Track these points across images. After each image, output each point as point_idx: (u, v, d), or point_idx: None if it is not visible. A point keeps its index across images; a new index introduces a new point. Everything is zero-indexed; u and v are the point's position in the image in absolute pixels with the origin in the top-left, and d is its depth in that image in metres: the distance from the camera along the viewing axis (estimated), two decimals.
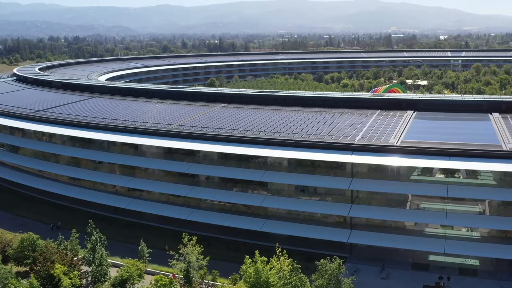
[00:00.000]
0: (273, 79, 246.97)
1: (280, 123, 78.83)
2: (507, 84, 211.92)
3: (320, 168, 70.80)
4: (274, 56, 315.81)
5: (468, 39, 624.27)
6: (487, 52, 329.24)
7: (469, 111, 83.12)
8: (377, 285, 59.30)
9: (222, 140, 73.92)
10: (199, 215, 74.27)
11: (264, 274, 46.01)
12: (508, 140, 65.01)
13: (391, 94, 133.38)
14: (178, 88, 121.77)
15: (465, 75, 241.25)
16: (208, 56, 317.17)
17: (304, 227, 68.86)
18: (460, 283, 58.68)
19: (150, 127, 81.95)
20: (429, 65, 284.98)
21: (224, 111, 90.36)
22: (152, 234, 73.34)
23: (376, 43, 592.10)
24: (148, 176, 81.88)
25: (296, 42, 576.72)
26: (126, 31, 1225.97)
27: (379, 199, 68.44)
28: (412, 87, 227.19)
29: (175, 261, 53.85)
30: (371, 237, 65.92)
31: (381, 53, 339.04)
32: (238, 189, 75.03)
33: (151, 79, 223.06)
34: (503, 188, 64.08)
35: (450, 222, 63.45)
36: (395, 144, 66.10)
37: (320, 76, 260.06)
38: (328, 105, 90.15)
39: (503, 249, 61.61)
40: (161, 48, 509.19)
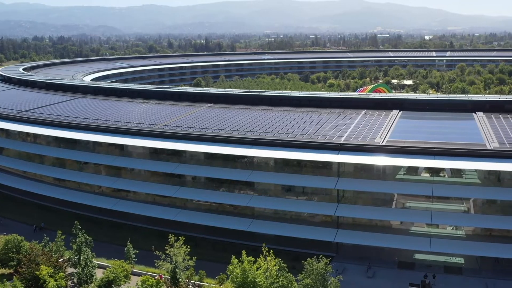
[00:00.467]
0: (259, 79, 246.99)
1: (267, 123, 78.87)
2: (491, 84, 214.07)
3: (306, 167, 70.95)
4: (260, 56, 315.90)
5: (452, 39, 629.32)
6: (472, 52, 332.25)
7: (454, 111, 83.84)
8: (363, 284, 59.56)
9: (208, 140, 73.78)
10: (186, 216, 74.07)
11: (251, 274, 45.99)
12: (492, 139, 65.68)
13: (377, 94, 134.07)
14: (164, 88, 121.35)
15: (450, 75, 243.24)
16: (194, 56, 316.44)
17: (291, 226, 68.97)
18: (446, 281, 59.15)
19: (136, 127, 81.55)
20: (415, 65, 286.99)
21: (210, 111, 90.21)
22: (138, 234, 72.96)
23: (362, 43, 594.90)
24: (134, 176, 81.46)
25: (283, 42, 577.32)
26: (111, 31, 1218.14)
27: (365, 198, 68.78)
28: (398, 86, 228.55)
29: (162, 262, 53.61)
30: (357, 236, 66.23)
31: (367, 53, 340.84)
32: (224, 189, 74.94)
33: (137, 79, 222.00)
34: (487, 186, 64.71)
35: (436, 221, 63.98)
36: (381, 144, 66.45)
37: (306, 76, 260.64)
38: (314, 105, 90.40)
39: (487, 247, 62.25)
40: (147, 48, 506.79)
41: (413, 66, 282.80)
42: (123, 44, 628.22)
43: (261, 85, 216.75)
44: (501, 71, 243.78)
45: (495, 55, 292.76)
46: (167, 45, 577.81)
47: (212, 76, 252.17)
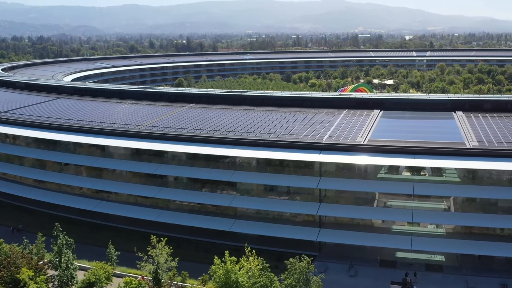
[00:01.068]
0: (241, 79, 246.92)
1: (249, 123, 78.89)
2: (470, 83, 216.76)
3: (288, 167, 71.13)
4: (242, 56, 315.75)
5: (432, 39, 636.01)
6: (451, 52, 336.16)
7: (434, 110, 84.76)
8: (345, 282, 59.95)
9: (191, 140, 73.55)
10: (168, 216, 73.77)
11: (234, 275, 45.96)
12: (472, 138, 66.51)
13: (358, 93, 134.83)
14: (146, 89, 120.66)
15: (430, 75, 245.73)
16: (176, 56, 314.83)
17: (273, 226, 69.11)
18: (427, 279, 59.79)
19: (117, 128, 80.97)
20: (395, 64, 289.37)
21: (192, 111, 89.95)
22: (120, 236, 72.48)
23: (343, 43, 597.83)
24: (115, 177, 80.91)
25: (264, 42, 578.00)
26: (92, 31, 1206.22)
27: (347, 197, 69.21)
28: (379, 86, 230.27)
29: (144, 263, 53.30)
30: (339, 236, 66.65)
31: (348, 53, 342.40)
32: (207, 190, 74.81)
33: (118, 80, 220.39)
34: (467, 185, 65.51)
35: (416, 219, 64.60)
36: (362, 143, 66.89)
37: (288, 76, 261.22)
38: (296, 105, 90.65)
39: (467, 245, 63.11)
40: (128, 48, 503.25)
41: (394, 66, 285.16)
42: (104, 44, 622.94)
43: (243, 85, 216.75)
44: (480, 70, 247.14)
45: (474, 55, 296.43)
46: (149, 45, 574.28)
47: (194, 76, 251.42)
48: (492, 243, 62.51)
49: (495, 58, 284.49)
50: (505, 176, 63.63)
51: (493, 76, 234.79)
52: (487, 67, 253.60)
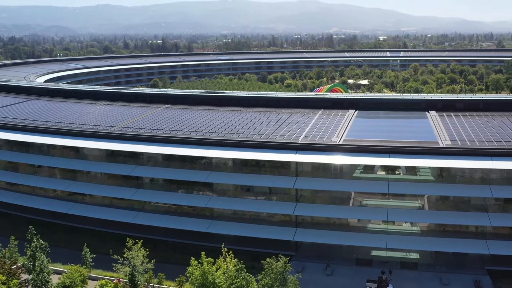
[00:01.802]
0: (217, 79, 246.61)
1: (225, 124, 78.81)
2: (443, 83, 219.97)
3: (265, 167, 71.25)
4: (218, 56, 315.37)
5: (406, 39, 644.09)
6: (424, 52, 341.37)
7: (408, 110, 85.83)
8: (322, 281, 60.29)
9: (166, 141, 73.14)
10: (144, 218, 73.20)
11: (211, 275, 45.94)
12: (445, 137, 67.55)
13: (334, 93, 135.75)
14: (121, 89, 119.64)
15: (404, 75, 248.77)
16: (151, 56, 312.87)
17: (250, 226, 69.17)
18: (402, 276, 60.50)
19: (92, 129, 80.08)
20: (370, 65, 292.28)
21: (168, 112, 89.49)
22: (95, 238, 71.70)
23: (318, 44, 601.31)
24: (90, 179, 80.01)
25: (240, 43, 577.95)
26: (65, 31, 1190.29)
27: (323, 197, 69.61)
28: (354, 86, 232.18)
29: (120, 266, 52.89)
30: (316, 235, 67.02)
31: (323, 53, 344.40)
32: (183, 191, 74.48)
33: (92, 81, 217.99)
34: (440, 183, 66.49)
35: (392, 218, 65.31)
36: (338, 143, 67.39)
37: (264, 76, 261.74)
38: (272, 105, 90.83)
39: (441, 242, 64.08)
40: (102, 48, 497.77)
41: (368, 66, 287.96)
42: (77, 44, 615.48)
43: (219, 86, 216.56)
44: (453, 70, 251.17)
45: (447, 55, 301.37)
46: (123, 46, 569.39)
47: (169, 77, 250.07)
48: (465, 240, 63.55)
49: (467, 58, 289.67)
50: (477, 174, 64.74)
51: (465, 76, 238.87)
52: (459, 67, 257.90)
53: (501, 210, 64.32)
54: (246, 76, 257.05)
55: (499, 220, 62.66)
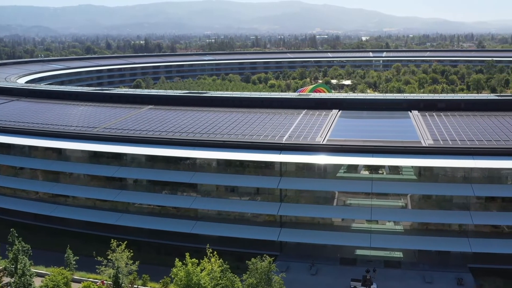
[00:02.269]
0: (200, 80, 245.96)
1: (209, 124, 78.69)
2: (425, 83, 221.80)
3: (249, 168, 71.26)
4: (201, 57, 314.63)
5: (388, 40, 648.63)
6: (406, 52, 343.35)
7: (391, 109, 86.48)
8: (307, 281, 60.50)
9: (150, 142, 72.81)
10: (128, 220, 72.80)
11: (195, 276, 45.80)
12: (427, 137, 68.19)
13: (317, 94, 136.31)
14: (103, 90, 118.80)
15: (386, 75, 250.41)
16: (134, 57, 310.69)
17: (235, 227, 69.15)
18: (386, 275, 60.94)
19: (74, 130, 79.39)
20: (353, 65, 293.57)
21: (151, 113, 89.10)
22: (79, 240, 71.01)
23: (302, 44, 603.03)
24: (73, 181, 79.35)
25: (223, 43, 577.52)
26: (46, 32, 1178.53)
27: (307, 197, 69.84)
28: (337, 86, 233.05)
29: (104, 268, 52.53)
30: (300, 235, 67.21)
31: (306, 54, 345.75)
32: (167, 192, 74.20)
33: (74, 81, 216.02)
34: (423, 182, 67.09)
35: (375, 217, 65.82)
36: (322, 143, 67.67)
37: (248, 77, 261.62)
38: (256, 106, 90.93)
39: (424, 241, 64.74)
40: (84, 49, 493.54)
41: (351, 66, 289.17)
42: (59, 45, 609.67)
43: (203, 86, 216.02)
44: (434, 71, 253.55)
45: (428, 56, 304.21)
46: (105, 46, 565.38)
47: (152, 78, 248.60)
48: (448, 238, 64.27)
49: (448, 58, 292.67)
50: (459, 173, 65.44)
51: (447, 76, 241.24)
52: (441, 67, 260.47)
53: (483, 209, 65.13)
54: (230, 77, 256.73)
55: (480, 218, 63.47)
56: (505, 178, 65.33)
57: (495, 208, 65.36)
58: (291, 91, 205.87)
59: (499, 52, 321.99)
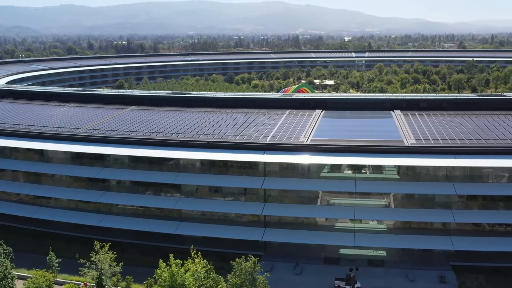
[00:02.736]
0: (183, 80, 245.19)
1: (192, 125, 78.48)
2: (407, 83, 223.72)
3: (233, 168, 71.23)
4: (184, 57, 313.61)
5: (370, 40, 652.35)
6: (388, 52, 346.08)
7: (373, 109, 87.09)
8: (291, 280, 60.64)
9: (133, 143, 72.37)
10: (111, 221, 72.31)
11: (180, 277, 45.64)
12: (409, 136, 68.76)
13: (300, 94, 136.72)
14: (85, 91, 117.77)
15: (369, 75, 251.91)
16: (116, 57, 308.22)
17: (219, 227, 69.04)
18: (369, 274, 61.29)
19: (56, 131, 78.62)
20: (335, 65, 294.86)
21: (134, 114, 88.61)
22: (61, 242, 70.38)
23: (285, 44, 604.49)
24: (55, 182, 78.57)
25: (206, 43, 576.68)
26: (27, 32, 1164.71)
27: (291, 196, 69.99)
28: (320, 86, 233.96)
29: (87, 269, 52.14)
30: (284, 235, 67.32)
31: (289, 54, 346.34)
32: (150, 193, 73.85)
33: (56, 82, 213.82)
34: (405, 181, 67.62)
35: (359, 216, 66.15)
36: (305, 143, 67.89)
37: (231, 77, 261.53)
38: (239, 106, 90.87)
39: (407, 239, 65.27)
40: (66, 49, 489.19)
41: (334, 66, 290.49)
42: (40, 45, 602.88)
43: (186, 87, 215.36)
44: (416, 71, 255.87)
45: (410, 56, 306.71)
46: (88, 47, 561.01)
47: (135, 78, 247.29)
48: (430, 237, 64.87)
49: (430, 58, 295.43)
50: (441, 172, 66.09)
51: (428, 76, 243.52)
52: (422, 67, 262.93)
53: (464, 207, 65.89)
54: (213, 77, 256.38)
55: (462, 217, 64.19)
56: (486, 176, 66.10)
57: (477, 207, 66.18)
58: (274, 91, 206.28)
59: (479, 52, 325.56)
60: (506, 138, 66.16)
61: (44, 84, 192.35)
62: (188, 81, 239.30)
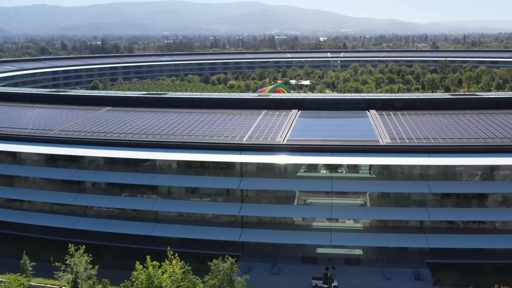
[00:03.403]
0: (159, 81, 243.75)
1: (168, 125, 78.03)
2: (382, 83, 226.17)
3: (210, 169, 71.05)
4: (159, 57, 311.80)
5: (345, 40, 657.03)
6: (363, 53, 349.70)
7: (349, 109, 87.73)
8: (269, 280, 60.74)
9: (108, 144, 71.60)
10: (86, 223, 71.45)
11: (157, 279, 45.32)
12: (385, 135, 69.45)
13: (277, 94, 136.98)
14: (59, 92, 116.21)
15: (344, 75, 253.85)
16: (90, 58, 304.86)
17: (196, 228, 68.80)
18: (346, 273, 61.81)
19: (29, 133, 77.38)
20: (311, 65, 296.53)
21: (109, 115, 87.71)
22: (35, 246, 69.24)
23: (260, 44, 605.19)
24: (28, 185, 77.34)
25: (182, 44, 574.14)
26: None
27: (268, 197, 70.10)
28: (296, 87, 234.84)
29: (62, 273, 51.42)
30: (261, 235, 67.42)
31: (265, 54, 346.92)
32: (126, 194, 73.16)
33: (29, 83, 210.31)
34: (381, 180, 68.30)
35: (335, 215, 66.62)
36: (282, 143, 68.05)
37: (207, 78, 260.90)
38: (215, 106, 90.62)
39: (383, 238, 65.89)
40: (39, 50, 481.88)
41: (309, 66, 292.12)
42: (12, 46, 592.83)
43: (161, 87, 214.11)
44: (391, 71, 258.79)
45: (385, 56, 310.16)
46: (61, 47, 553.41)
47: (110, 79, 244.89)
48: (406, 235, 65.66)
49: (404, 58, 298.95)
50: (416, 171, 66.91)
51: (403, 76, 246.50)
52: (397, 67, 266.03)
53: (439, 205, 66.80)
54: (189, 77, 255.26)
55: (437, 215, 65.09)
56: (460, 175, 67.11)
57: (451, 204, 67.15)
58: (250, 91, 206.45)
59: (452, 52, 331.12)
60: (478, 137, 67.31)
61: (16, 85, 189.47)
62: (164, 82, 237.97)
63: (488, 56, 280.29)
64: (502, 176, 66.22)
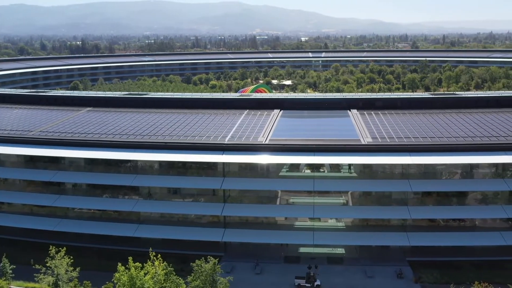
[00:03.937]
0: (140, 81, 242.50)
1: (150, 126, 77.58)
2: (363, 83, 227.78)
3: (192, 169, 70.82)
4: (140, 58, 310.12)
5: (327, 40, 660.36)
6: (344, 53, 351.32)
7: (331, 109, 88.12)
8: (251, 280, 60.76)
9: (89, 145, 70.95)
10: (67, 225, 70.69)
11: (139, 281, 45.01)
12: (366, 135, 69.90)
13: (258, 94, 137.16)
14: (39, 92, 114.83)
15: (326, 75, 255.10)
16: (71, 58, 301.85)
17: (178, 229, 68.57)
18: (328, 272, 62.07)
19: (8, 134, 76.31)
20: (293, 65, 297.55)
21: (90, 115, 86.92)
22: (15, 248, 68.50)
23: (242, 44, 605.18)
24: (8, 187, 76.29)
25: (163, 44, 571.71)
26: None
27: (250, 196, 70.10)
28: (278, 86, 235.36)
29: (42, 275, 50.81)
30: (244, 235, 67.42)
31: (247, 54, 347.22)
32: (108, 195, 72.57)
33: (8, 84, 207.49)
34: (363, 179, 68.72)
35: (318, 215, 66.87)
36: (264, 143, 68.12)
37: (189, 78, 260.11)
38: (197, 106, 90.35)
39: (365, 237, 66.35)
40: (18, 50, 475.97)
41: (291, 66, 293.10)
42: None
43: (143, 88, 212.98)
44: (371, 70, 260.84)
45: (366, 56, 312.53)
46: (40, 47, 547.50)
47: (90, 79, 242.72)
48: (388, 233, 66.14)
49: (384, 58, 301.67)
50: (397, 170, 67.45)
51: (383, 75, 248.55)
52: (377, 67, 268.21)
53: (420, 203, 67.39)
54: (170, 78, 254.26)
55: (418, 213, 65.63)
56: (440, 173, 67.83)
57: (431, 203, 67.80)
58: (232, 91, 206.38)
59: (432, 52, 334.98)
60: (458, 136, 68.10)
61: None
62: (145, 82, 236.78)
63: (467, 56, 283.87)
64: (482, 174, 67.04)
